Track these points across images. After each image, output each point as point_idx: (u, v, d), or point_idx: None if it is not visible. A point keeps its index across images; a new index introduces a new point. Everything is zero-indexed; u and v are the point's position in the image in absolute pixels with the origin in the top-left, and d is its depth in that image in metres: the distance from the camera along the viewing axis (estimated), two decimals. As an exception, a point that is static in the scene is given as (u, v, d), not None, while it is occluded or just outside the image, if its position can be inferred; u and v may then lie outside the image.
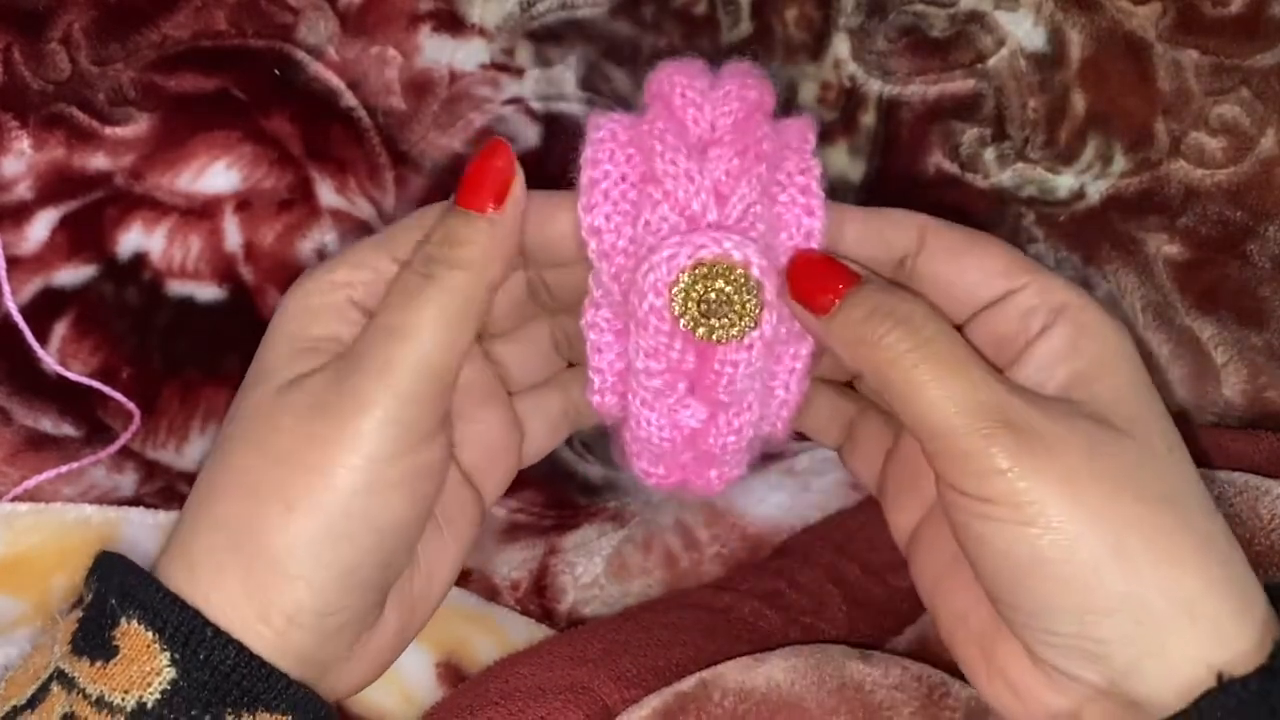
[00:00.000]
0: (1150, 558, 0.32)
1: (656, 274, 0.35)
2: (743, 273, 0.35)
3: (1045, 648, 0.33)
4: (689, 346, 0.36)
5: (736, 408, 0.37)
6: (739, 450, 0.39)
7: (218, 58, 0.50)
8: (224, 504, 0.35)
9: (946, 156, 0.52)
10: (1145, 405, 0.35)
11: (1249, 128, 0.52)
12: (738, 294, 0.35)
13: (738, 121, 0.36)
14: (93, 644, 0.34)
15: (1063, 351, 0.35)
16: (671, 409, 0.37)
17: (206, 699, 0.33)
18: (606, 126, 0.37)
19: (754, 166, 0.36)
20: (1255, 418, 0.51)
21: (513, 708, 0.43)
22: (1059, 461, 0.32)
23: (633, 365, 0.37)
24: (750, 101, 0.37)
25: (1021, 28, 0.52)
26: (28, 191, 0.49)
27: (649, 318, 0.35)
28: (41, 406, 0.49)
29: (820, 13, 0.52)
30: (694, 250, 0.35)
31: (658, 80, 0.37)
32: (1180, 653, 0.32)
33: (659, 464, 0.39)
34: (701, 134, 0.37)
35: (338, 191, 0.51)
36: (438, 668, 0.47)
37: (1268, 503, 0.42)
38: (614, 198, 0.36)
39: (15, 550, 0.46)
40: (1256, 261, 0.52)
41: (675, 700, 0.42)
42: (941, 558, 0.37)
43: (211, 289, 0.50)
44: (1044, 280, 0.36)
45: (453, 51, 0.51)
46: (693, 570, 0.50)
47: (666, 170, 0.36)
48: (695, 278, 0.35)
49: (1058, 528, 0.32)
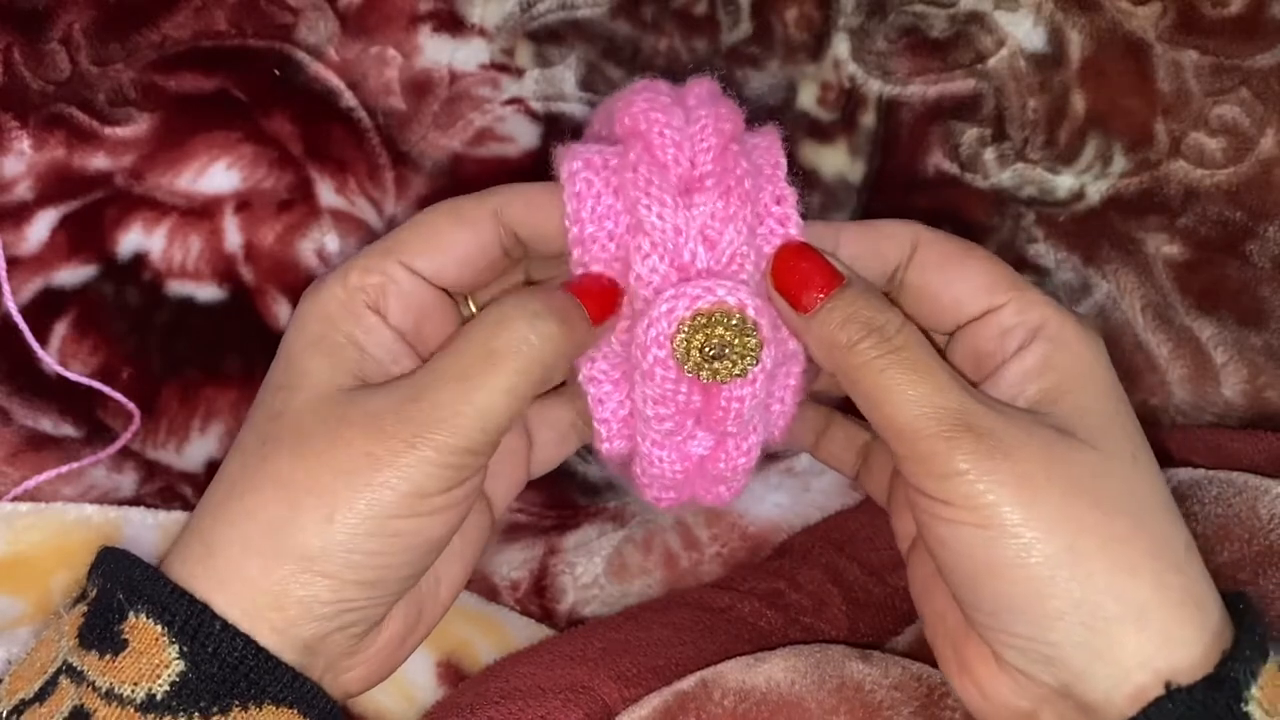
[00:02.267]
0: (1103, 563, 0.33)
1: (657, 328, 0.36)
2: (740, 317, 0.36)
3: (1004, 648, 0.34)
4: (694, 389, 0.37)
5: (743, 434, 0.38)
6: (749, 470, 0.40)
7: (218, 58, 0.50)
8: (256, 499, 0.35)
9: (946, 156, 0.52)
10: (1111, 418, 0.36)
11: (1249, 128, 0.52)
12: (737, 338, 0.36)
13: (717, 156, 0.37)
14: (101, 637, 0.34)
15: (1035, 370, 0.36)
16: (680, 444, 0.39)
17: (215, 691, 0.33)
18: (582, 174, 0.37)
19: (740, 210, 0.36)
20: (1255, 418, 0.51)
21: (513, 707, 0.43)
22: (1018, 466, 0.33)
23: (640, 412, 0.38)
24: (727, 134, 0.37)
25: (1021, 28, 0.52)
26: (28, 191, 0.49)
27: (654, 369, 0.36)
28: (41, 406, 0.49)
29: (820, 13, 0.52)
30: (690, 302, 0.36)
31: (631, 116, 0.37)
32: (1131, 659, 0.33)
33: (670, 491, 0.40)
34: (683, 173, 0.37)
35: (338, 191, 0.51)
36: (438, 668, 0.47)
37: (1267, 502, 0.43)
38: (603, 259, 0.37)
39: (15, 550, 0.46)
40: (1256, 261, 0.52)
41: (675, 700, 0.42)
42: (930, 564, 0.38)
43: (211, 289, 0.50)
44: (1024, 299, 0.37)
45: (453, 51, 0.52)
46: (693, 570, 0.50)
47: (654, 223, 0.36)
48: (695, 327, 0.36)
49: (1013, 531, 0.33)
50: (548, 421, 0.42)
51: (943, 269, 0.37)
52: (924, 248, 0.38)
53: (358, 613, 0.35)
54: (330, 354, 0.36)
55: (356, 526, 0.34)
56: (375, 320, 0.37)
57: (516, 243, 0.38)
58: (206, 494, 0.37)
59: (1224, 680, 0.32)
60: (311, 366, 0.36)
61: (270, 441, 0.36)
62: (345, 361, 0.36)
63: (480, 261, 0.38)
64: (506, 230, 0.38)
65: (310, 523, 0.34)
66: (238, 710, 0.34)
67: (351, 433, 0.34)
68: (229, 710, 0.33)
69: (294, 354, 0.37)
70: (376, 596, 0.35)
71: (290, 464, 0.35)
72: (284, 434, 0.35)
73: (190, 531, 0.36)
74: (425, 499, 0.35)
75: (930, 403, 0.34)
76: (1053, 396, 0.35)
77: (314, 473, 0.34)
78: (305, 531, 0.34)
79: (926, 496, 0.34)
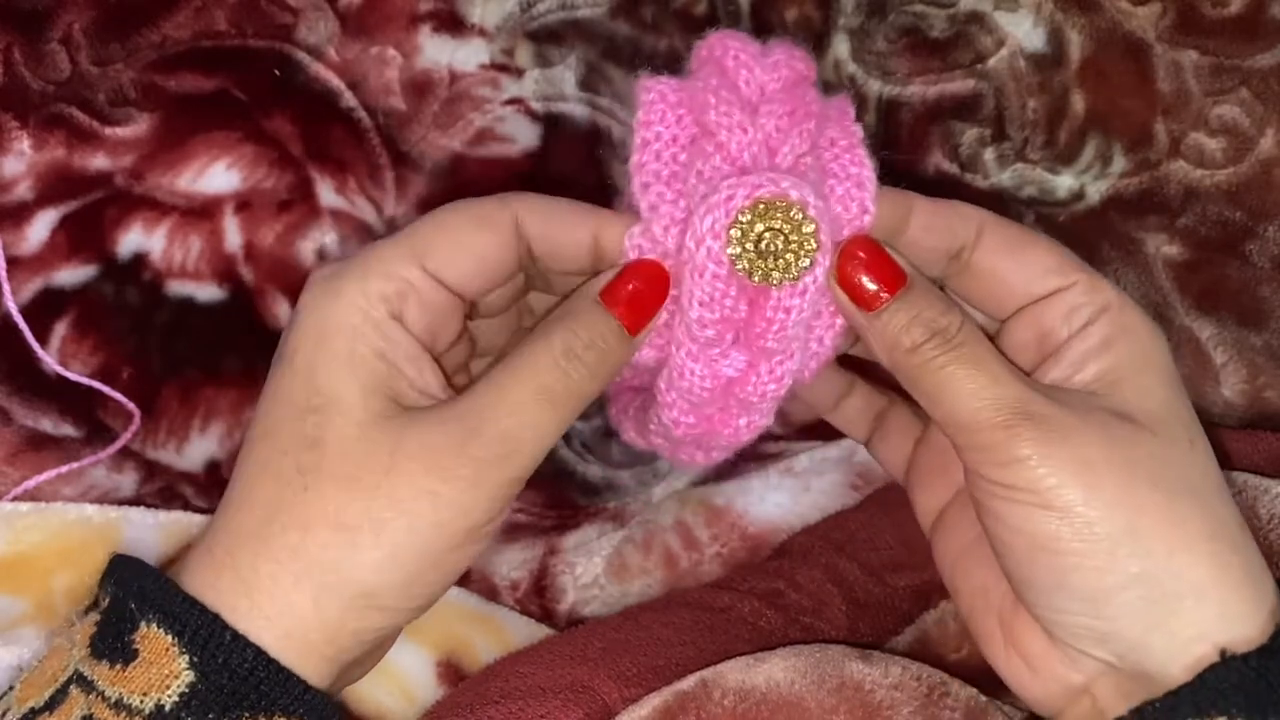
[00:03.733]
0: (1163, 542, 0.34)
1: (714, 215, 0.35)
2: (800, 211, 0.35)
3: (1058, 626, 0.35)
4: (743, 294, 0.36)
5: (781, 355, 0.38)
6: (778, 398, 0.39)
7: (218, 58, 0.50)
8: (302, 535, 0.34)
9: (946, 156, 0.52)
10: (1169, 404, 0.36)
11: (1248, 128, 0.52)
12: (795, 233, 0.35)
13: (786, 86, 0.37)
14: (111, 647, 0.34)
15: (1097, 349, 0.36)
16: (714, 359, 0.38)
17: (224, 702, 0.33)
18: (656, 89, 0.37)
19: (803, 122, 0.36)
20: (1254, 418, 0.51)
21: (513, 707, 0.43)
22: (1078, 451, 0.34)
23: (684, 315, 0.37)
24: (799, 71, 0.38)
25: (1021, 28, 0.52)
26: (28, 191, 0.49)
27: (706, 263, 0.35)
28: (41, 406, 0.49)
29: (820, 13, 0.52)
30: (751, 190, 0.35)
31: (709, 45, 0.38)
32: (1188, 631, 0.34)
33: (691, 413, 0.39)
34: (752, 95, 0.37)
35: (338, 192, 0.51)
36: (438, 668, 0.47)
37: (1267, 502, 0.43)
38: (665, 158, 0.37)
39: (15, 550, 0.46)
40: (1256, 261, 0.52)
41: (675, 700, 0.42)
42: (965, 538, 0.39)
43: (211, 289, 0.50)
44: (1092, 280, 0.37)
45: (453, 51, 0.52)
46: (693, 570, 0.50)
47: (720, 123, 0.36)
48: (753, 217, 0.35)
49: (1076, 511, 0.34)
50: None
51: (1011, 251, 0.38)
52: (990, 232, 0.38)
53: (391, 633, 0.36)
54: (361, 373, 0.35)
55: (418, 563, 0.34)
56: (399, 331, 0.36)
57: (528, 252, 0.37)
58: (231, 515, 0.35)
59: (1278, 650, 0.33)
60: (343, 388, 0.35)
61: (311, 473, 0.34)
62: (377, 380, 0.35)
63: (498, 269, 0.37)
64: (522, 239, 0.37)
65: (369, 561, 0.34)
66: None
67: (412, 466, 0.34)
68: None
69: (319, 372, 0.35)
70: (415, 615, 0.36)
71: (341, 500, 0.34)
72: (328, 465, 0.34)
73: (216, 556, 0.35)
74: (480, 530, 0.35)
75: (990, 394, 0.35)
76: (1112, 378, 0.36)
77: (371, 510, 0.34)
78: (363, 569, 0.34)
79: (991, 482, 0.35)
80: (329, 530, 0.34)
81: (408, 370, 0.36)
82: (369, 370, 0.35)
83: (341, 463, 0.34)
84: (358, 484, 0.34)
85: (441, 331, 0.37)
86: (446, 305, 0.37)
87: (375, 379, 0.35)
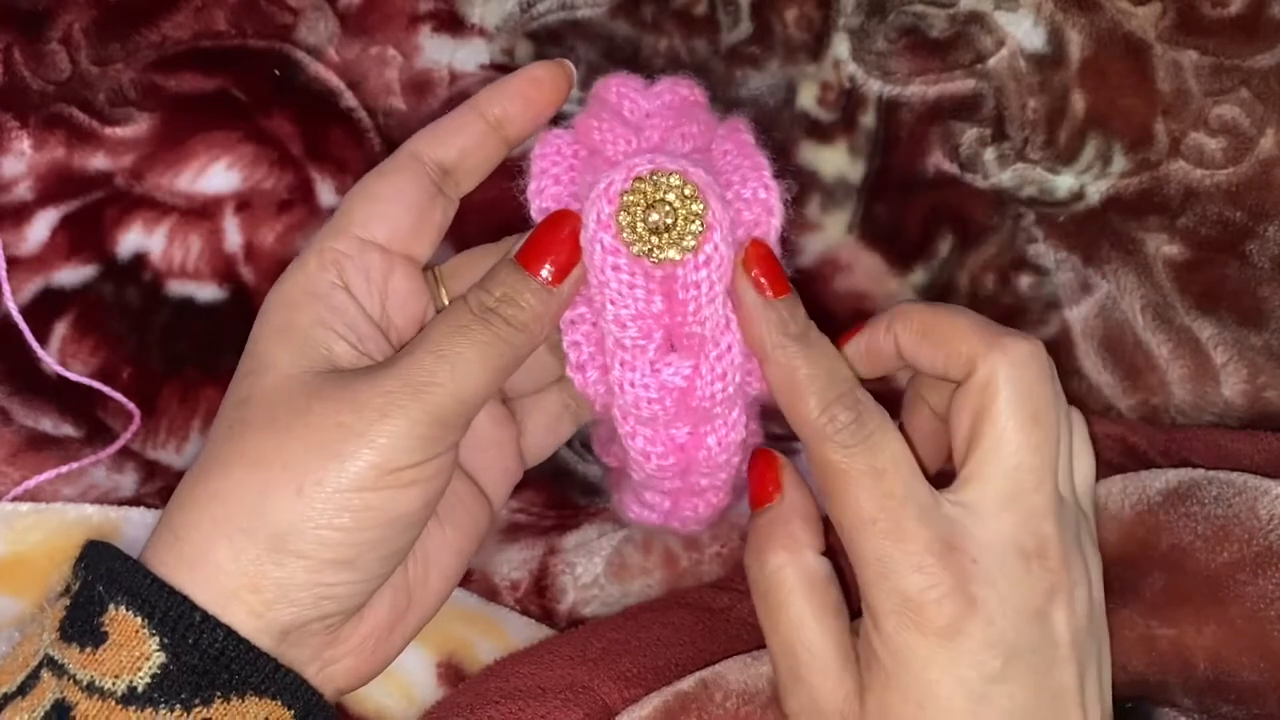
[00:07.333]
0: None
1: (598, 206, 0.36)
2: (680, 180, 0.35)
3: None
4: (653, 284, 0.36)
5: (716, 349, 0.37)
6: (730, 401, 0.38)
7: (218, 58, 0.50)
8: (223, 480, 0.35)
9: (946, 157, 0.52)
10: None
11: (1248, 128, 0.52)
12: (683, 206, 0.35)
13: (670, 105, 0.39)
14: (81, 630, 0.34)
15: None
16: (654, 366, 0.37)
17: (196, 682, 0.33)
18: (549, 135, 0.39)
19: (686, 126, 0.38)
20: (1255, 418, 0.51)
21: (513, 707, 0.43)
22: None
23: (606, 325, 0.37)
24: (682, 95, 0.39)
25: (1021, 28, 0.52)
26: (28, 191, 0.50)
27: (605, 257, 0.36)
28: (41, 406, 0.49)
29: (820, 13, 0.52)
30: (628, 172, 0.35)
31: (596, 87, 0.40)
32: None
33: (654, 438, 0.38)
34: (636, 119, 0.39)
35: (338, 191, 0.51)
36: (438, 668, 0.47)
37: (1266, 503, 0.42)
38: (563, 181, 0.38)
39: (15, 550, 0.46)
40: (1256, 262, 0.52)
41: (675, 700, 0.42)
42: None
43: (211, 289, 0.50)
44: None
45: (453, 51, 0.52)
46: (693, 570, 0.50)
47: (604, 139, 0.38)
48: (637, 197, 0.35)
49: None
50: (540, 407, 0.42)
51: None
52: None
53: (336, 599, 0.35)
54: (295, 337, 0.36)
55: (325, 500, 0.34)
56: (344, 297, 0.37)
57: (445, 176, 0.39)
58: (177, 488, 0.36)
59: None
60: (276, 352, 0.36)
61: (238, 425, 0.35)
62: (311, 344, 0.36)
63: (421, 204, 0.38)
64: (433, 167, 0.39)
65: (279, 499, 0.34)
66: (220, 702, 0.33)
67: (324, 406, 0.34)
68: (211, 702, 0.33)
69: (259, 343, 0.37)
70: (354, 580, 0.35)
71: (258, 441, 0.35)
72: (252, 415, 0.35)
73: (161, 521, 0.36)
74: (395, 472, 0.34)
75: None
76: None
77: (283, 447, 0.34)
78: (275, 509, 0.34)
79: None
80: (244, 469, 0.34)
81: (350, 336, 0.37)
82: (303, 335, 0.36)
83: (264, 411, 0.35)
84: (274, 424, 0.35)
85: (395, 292, 0.38)
86: (388, 264, 0.38)
87: (309, 343, 0.36)
